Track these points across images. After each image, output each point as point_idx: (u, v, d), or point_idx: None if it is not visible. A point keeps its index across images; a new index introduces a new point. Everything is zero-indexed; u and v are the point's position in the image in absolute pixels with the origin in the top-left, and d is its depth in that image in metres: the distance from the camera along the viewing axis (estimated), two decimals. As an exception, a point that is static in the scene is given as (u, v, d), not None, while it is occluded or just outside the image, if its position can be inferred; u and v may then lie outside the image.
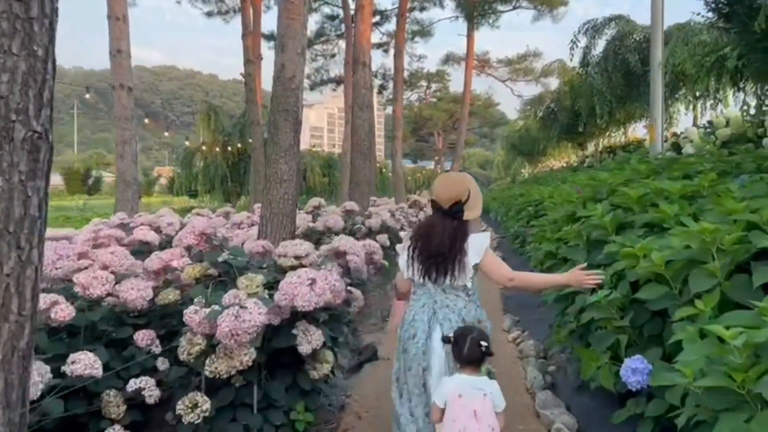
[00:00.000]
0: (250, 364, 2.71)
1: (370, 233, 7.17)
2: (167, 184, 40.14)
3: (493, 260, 2.78)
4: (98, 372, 2.51)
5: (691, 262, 2.70)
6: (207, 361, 2.74)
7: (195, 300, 2.83)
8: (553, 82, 23.93)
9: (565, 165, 26.97)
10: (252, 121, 12.28)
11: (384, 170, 34.72)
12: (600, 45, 12.54)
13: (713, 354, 2.00)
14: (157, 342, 3.14)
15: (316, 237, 6.14)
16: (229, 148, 25.58)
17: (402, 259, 2.80)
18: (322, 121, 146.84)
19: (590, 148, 18.98)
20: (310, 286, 2.70)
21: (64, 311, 2.75)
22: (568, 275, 2.89)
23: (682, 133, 12.90)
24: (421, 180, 44.62)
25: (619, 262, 3.15)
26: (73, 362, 2.47)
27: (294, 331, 2.89)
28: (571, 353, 4.13)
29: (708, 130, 10.04)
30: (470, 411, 2.36)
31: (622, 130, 16.74)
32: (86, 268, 3.32)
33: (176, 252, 3.63)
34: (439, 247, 2.68)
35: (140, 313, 3.21)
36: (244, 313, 2.53)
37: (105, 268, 3.27)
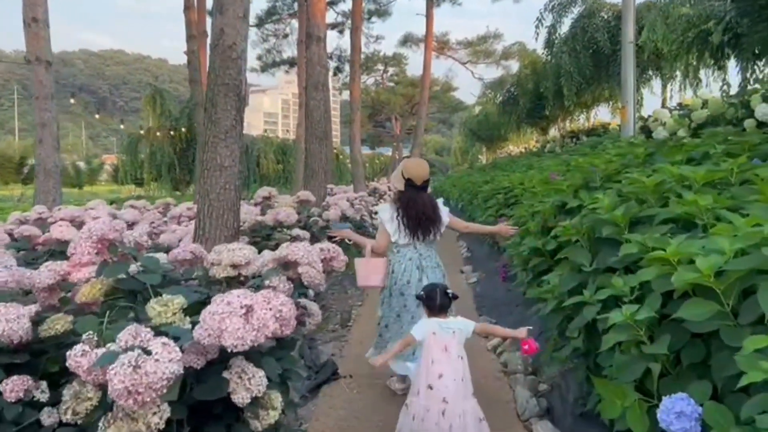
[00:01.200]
0: (162, 427, 1.93)
1: (328, 226, 6.39)
2: (112, 172, 38.26)
3: (454, 217, 4.07)
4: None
5: (755, 272, 2.05)
6: (101, 424, 1.94)
7: (84, 336, 2.02)
8: (514, 66, 23.52)
9: (524, 150, 26.68)
10: (197, 103, 11.26)
11: (341, 157, 33.78)
12: (566, 24, 11.98)
13: None
14: (44, 386, 2.32)
15: (265, 233, 5.34)
16: (177, 134, 24.21)
17: (392, 226, 3.74)
18: (276, 106, 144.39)
19: (551, 132, 18.58)
20: (244, 317, 1.93)
21: None
22: (497, 228, 4.48)
23: (650, 116, 12.54)
24: (380, 167, 43.76)
25: (645, 270, 2.49)
26: None
27: (226, 374, 2.11)
28: (570, 371, 3.49)
29: (681, 112, 9.60)
30: (441, 345, 2.93)
31: (586, 113, 16.33)
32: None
33: (80, 260, 2.79)
34: (426, 213, 3.76)
35: (18, 348, 2.37)
36: (147, 363, 1.74)
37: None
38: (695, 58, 7.41)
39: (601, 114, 17.00)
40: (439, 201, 3.98)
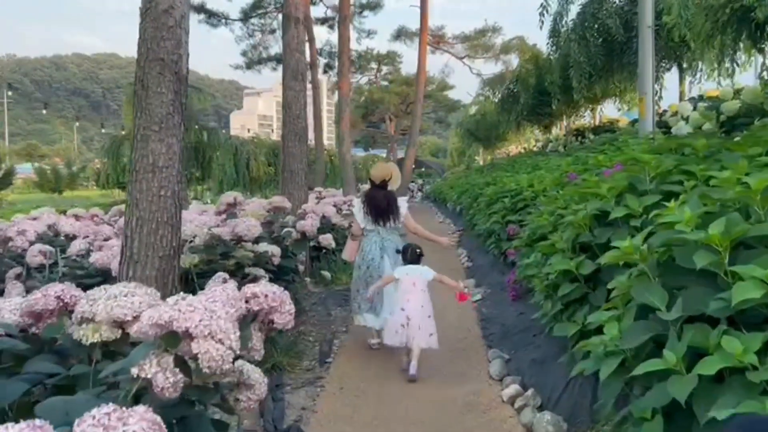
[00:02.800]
0: None
1: (305, 238, 5.34)
2: (94, 176, 37.05)
3: (410, 217, 5.07)
4: None
5: None
6: None
7: None
8: (515, 61, 22.52)
9: (523, 150, 25.65)
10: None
11: (333, 158, 32.66)
12: (573, 10, 10.95)
13: None
14: None
15: (222, 251, 4.28)
16: (162, 136, 23.03)
17: (359, 216, 4.96)
18: (271, 109, 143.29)
19: (554, 131, 17.56)
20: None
21: None
22: (442, 239, 5.38)
23: (665, 110, 11.50)
24: (374, 169, 42.60)
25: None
26: None
27: None
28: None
29: (707, 104, 8.58)
30: (411, 282, 4.36)
31: (591, 110, 15.29)
32: None
33: None
34: (381, 206, 4.89)
35: None
36: None
37: None
38: (731, 39, 6.38)
39: (607, 110, 15.99)
40: (403, 199, 5.07)
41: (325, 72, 26.33)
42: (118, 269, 3.57)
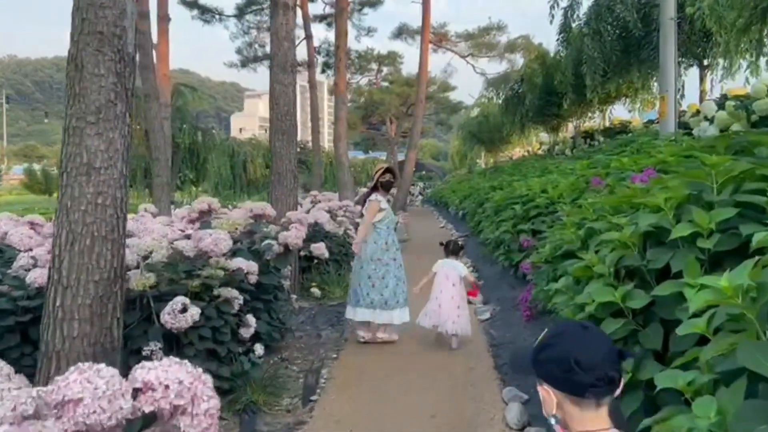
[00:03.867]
0: None
1: (288, 251, 4.63)
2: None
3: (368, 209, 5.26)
4: None
5: None
6: None
7: None
8: (520, 61, 21.79)
9: (527, 154, 24.94)
10: (148, 94, 9.42)
11: (333, 162, 31.95)
12: (585, 3, 10.23)
13: None
14: None
15: (185, 269, 3.56)
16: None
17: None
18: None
19: (561, 133, 16.85)
20: None
21: None
22: (355, 241, 5.44)
23: (683, 111, 10.79)
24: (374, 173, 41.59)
25: None
26: None
27: None
28: None
29: (735, 103, 7.87)
30: (445, 274, 4.99)
31: (601, 111, 14.57)
32: None
33: None
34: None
35: None
36: None
37: None
38: (768, 29, 5.68)
39: (617, 112, 15.26)
40: (373, 195, 5.27)
41: (323, 71, 25.57)
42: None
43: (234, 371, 3.79)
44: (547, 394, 1.39)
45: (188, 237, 4.06)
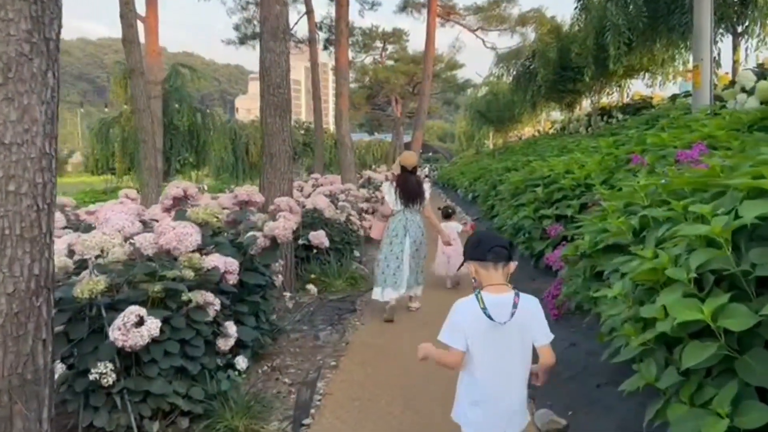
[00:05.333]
0: None
1: (275, 246, 3.96)
2: (83, 161, 35.56)
3: (428, 201, 5.55)
4: None
5: None
6: None
7: None
8: (531, 35, 20.84)
9: (537, 133, 24.11)
10: (132, 69, 8.67)
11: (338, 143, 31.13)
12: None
13: None
14: None
15: (146, 271, 2.89)
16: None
17: (390, 197, 5.39)
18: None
19: (576, 110, 16.03)
20: None
21: None
22: (443, 235, 6.06)
23: (714, 84, 9.97)
24: (380, 154, 40.63)
25: None
26: None
27: None
28: None
29: (777, 72, 7.10)
30: (454, 235, 6.27)
31: (617, 86, 13.74)
32: None
33: None
34: (414, 189, 5.41)
35: None
36: None
37: None
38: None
39: (635, 88, 14.41)
40: (428, 184, 5.79)
41: (325, 48, 24.61)
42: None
43: (209, 391, 3.15)
44: (470, 266, 2.15)
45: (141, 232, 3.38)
